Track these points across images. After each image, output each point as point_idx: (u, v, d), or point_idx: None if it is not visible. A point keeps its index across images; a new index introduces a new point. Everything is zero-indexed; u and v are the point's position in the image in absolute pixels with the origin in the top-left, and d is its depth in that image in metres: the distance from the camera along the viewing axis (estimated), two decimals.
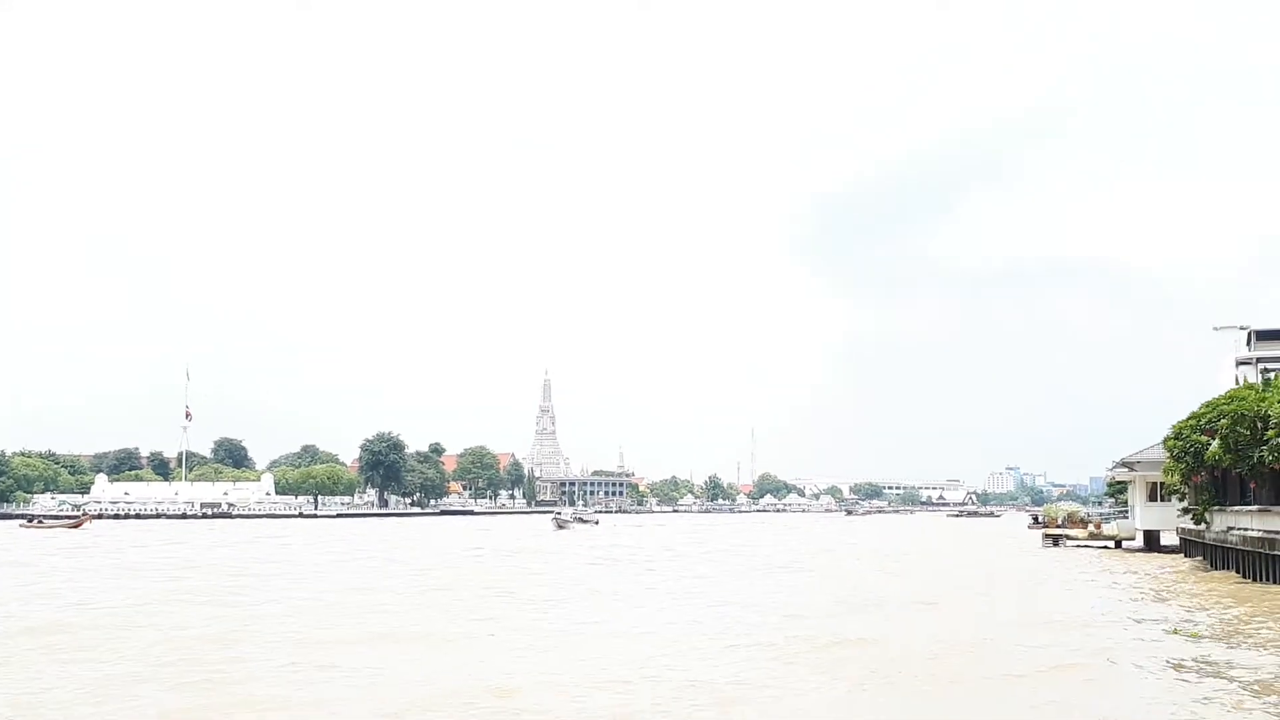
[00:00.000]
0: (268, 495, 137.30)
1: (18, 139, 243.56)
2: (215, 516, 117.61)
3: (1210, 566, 33.01)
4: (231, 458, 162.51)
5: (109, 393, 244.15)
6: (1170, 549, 44.22)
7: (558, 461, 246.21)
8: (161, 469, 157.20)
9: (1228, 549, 30.84)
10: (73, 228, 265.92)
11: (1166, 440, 36.32)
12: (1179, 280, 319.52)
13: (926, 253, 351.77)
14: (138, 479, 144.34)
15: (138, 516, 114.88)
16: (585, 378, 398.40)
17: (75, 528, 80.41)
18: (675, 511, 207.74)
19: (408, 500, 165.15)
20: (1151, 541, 46.80)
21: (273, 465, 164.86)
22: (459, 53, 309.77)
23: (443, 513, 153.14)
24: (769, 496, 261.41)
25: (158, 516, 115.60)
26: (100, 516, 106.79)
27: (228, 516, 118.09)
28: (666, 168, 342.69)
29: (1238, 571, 29.31)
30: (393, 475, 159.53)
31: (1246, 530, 28.83)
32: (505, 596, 25.69)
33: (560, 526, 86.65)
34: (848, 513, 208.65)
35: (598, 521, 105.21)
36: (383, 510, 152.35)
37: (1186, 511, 36.89)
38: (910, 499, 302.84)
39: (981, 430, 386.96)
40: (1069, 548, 48.94)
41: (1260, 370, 41.57)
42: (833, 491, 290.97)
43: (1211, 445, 30.75)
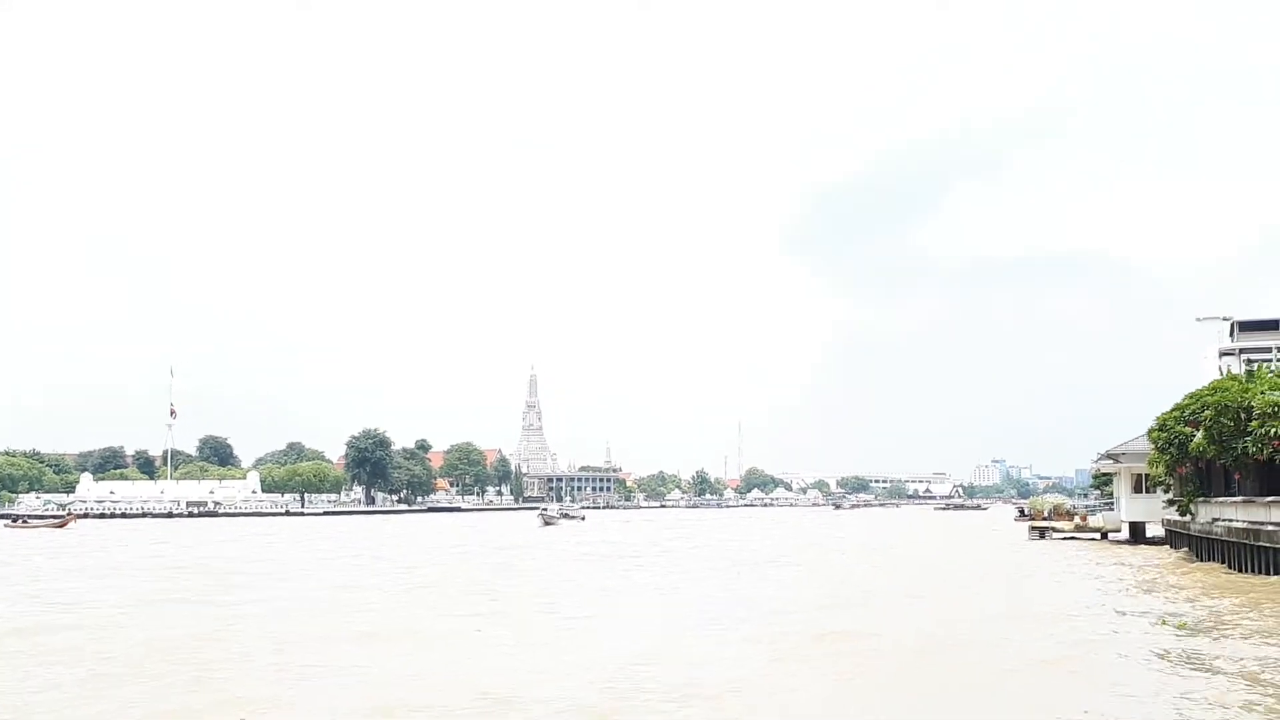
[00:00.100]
0: (254, 493, 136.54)
1: (18, 139, 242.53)
2: (201, 515, 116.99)
3: (1196, 558, 33.18)
4: (217, 456, 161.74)
5: (109, 393, 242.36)
6: (1156, 540, 44.46)
7: (545, 457, 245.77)
8: (147, 467, 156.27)
9: (1213, 540, 31.02)
10: (73, 228, 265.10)
11: (1151, 432, 36.39)
12: (1178, 279, 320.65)
13: (916, 249, 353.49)
14: (123, 478, 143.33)
15: (123, 515, 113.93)
16: (572, 373, 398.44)
17: (60, 527, 79.83)
18: (662, 506, 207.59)
19: (394, 497, 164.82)
20: (1137, 533, 47.06)
21: (259, 463, 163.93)
22: (458, 52, 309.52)
23: (430, 510, 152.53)
24: (756, 491, 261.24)
25: (143, 515, 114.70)
26: (85, 516, 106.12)
27: (214, 515, 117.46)
28: (663, 165, 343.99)
29: (1223, 563, 29.47)
30: (379, 472, 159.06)
31: (1231, 521, 28.99)
32: (492, 594, 25.65)
33: (547, 523, 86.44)
34: (835, 506, 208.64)
35: (584, 517, 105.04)
36: (369, 508, 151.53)
37: (1171, 503, 37.03)
38: (897, 492, 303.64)
39: (968, 423, 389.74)
40: (1055, 540, 49.05)
41: (1244, 361, 41.91)
42: (820, 485, 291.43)
43: (1196, 437, 30.86)
